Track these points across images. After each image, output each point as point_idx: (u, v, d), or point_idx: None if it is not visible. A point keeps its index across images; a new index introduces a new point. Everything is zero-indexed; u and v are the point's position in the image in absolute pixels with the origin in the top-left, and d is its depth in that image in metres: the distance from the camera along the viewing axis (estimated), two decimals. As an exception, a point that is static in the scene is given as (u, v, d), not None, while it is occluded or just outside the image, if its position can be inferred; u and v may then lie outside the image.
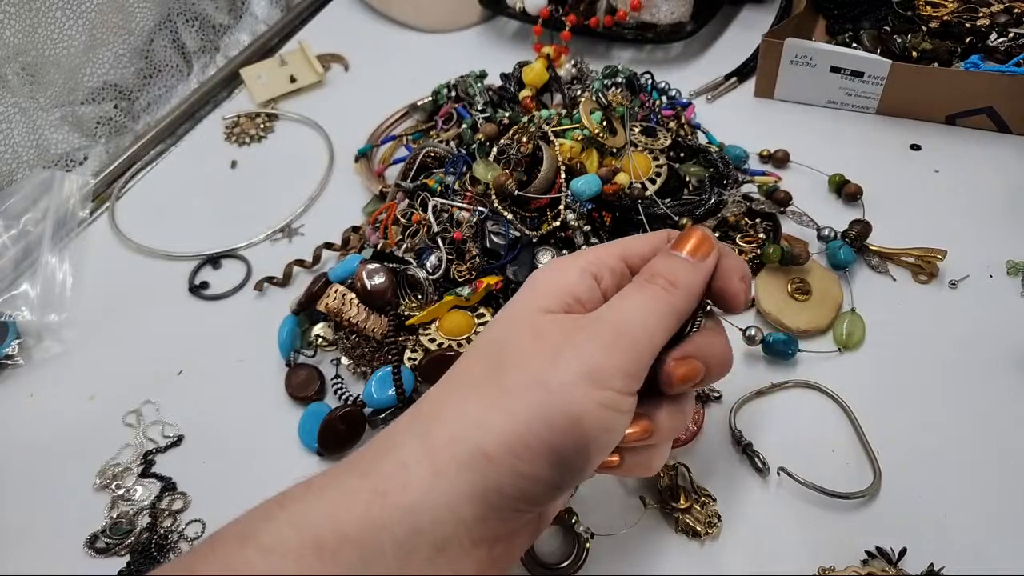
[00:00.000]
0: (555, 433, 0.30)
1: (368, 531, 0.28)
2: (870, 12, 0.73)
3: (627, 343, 0.31)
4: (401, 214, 0.58)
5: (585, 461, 0.31)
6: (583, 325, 0.32)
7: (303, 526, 0.28)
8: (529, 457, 0.29)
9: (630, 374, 0.31)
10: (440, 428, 0.31)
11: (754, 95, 0.71)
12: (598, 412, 0.30)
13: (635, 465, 0.36)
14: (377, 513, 0.29)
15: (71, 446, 0.52)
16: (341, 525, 0.28)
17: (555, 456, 0.30)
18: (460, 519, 0.29)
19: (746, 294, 0.36)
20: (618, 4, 0.73)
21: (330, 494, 0.30)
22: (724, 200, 0.58)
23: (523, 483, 0.30)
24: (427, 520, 0.29)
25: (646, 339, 0.32)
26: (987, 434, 0.47)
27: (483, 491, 0.29)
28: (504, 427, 0.30)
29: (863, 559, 0.42)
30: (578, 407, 0.30)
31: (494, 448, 0.29)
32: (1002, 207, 0.59)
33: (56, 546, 0.48)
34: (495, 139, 0.58)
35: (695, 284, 0.34)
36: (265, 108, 0.77)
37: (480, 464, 0.29)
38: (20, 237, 0.65)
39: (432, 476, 0.29)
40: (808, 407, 0.49)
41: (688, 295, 0.34)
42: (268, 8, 0.90)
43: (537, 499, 0.31)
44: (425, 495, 0.29)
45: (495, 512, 0.30)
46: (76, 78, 0.72)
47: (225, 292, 0.61)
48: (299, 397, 0.53)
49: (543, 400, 0.30)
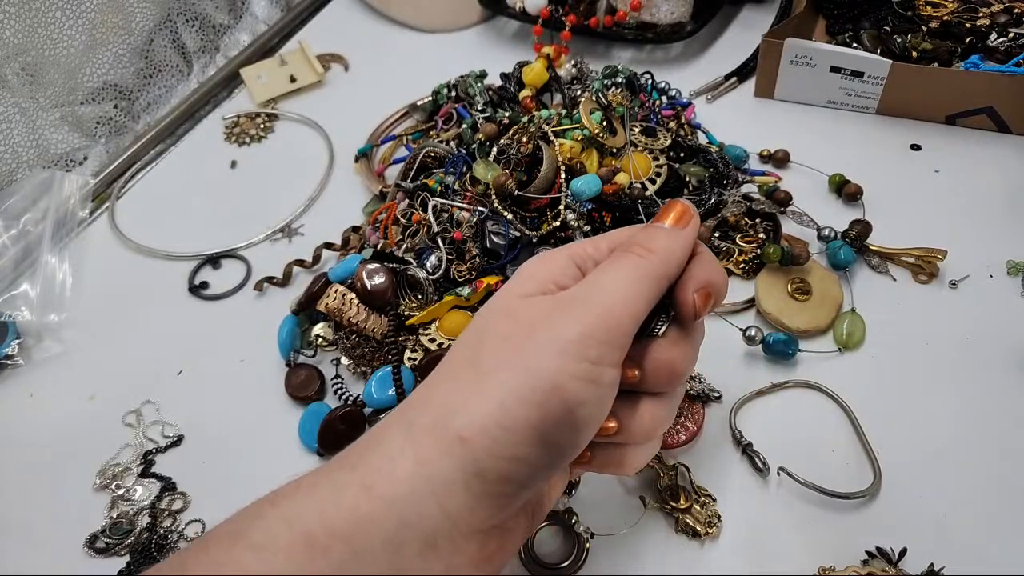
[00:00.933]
0: (533, 410, 0.29)
1: (357, 526, 0.28)
2: (870, 12, 0.73)
3: (601, 311, 0.31)
4: (401, 214, 0.58)
5: (570, 438, 0.30)
6: (558, 302, 0.32)
7: (294, 523, 0.28)
8: (507, 438, 0.29)
9: (606, 343, 0.30)
10: (423, 419, 0.30)
11: (754, 95, 0.71)
12: (575, 385, 0.29)
13: (606, 463, 0.35)
14: (365, 507, 0.28)
15: (71, 446, 0.52)
16: (330, 521, 0.28)
17: (536, 434, 0.29)
18: (447, 511, 0.29)
19: (698, 307, 0.33)
20: (618, 4, 0.73)
21: (320, 491, 0.29)
22: (724, 200, 0.58)
23: (504, 465, 0.29)
24: (414, 513, 0.29)
25: (622, 307, 0.31)
26: (987, 434, 0.47)
27: (465, 478, 0.29)
28: (480, 410, 0.29)
29: (863, 559, 0.42)
30: (553, 381, 0.29)
31: (470, 432, 0.29)
32: (1002, 207, 0.59)
33: (56, 546, 0.48)
34: (495, 139, 0.58)
35: (674, 249, 0.33)
36: (265, 108, 0.77)
37: (457, 449, 0.29)
38: (20, 237, 0.65)
39: (415, 466, 0.29)
40: (808, 407, 0.49)
41: (666, 260, 0.33)
42: (268, 8, 0.90)
43: (523, 481, 0.30)
44: (410, 486, 0.29)
45: (482, 500, 0.29)
46: (76, 78, 0.72)
47: (225, 292, 0.61)
48: (299, 397, 0.53)
49: (518, 379, 0.29)
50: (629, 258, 0.33)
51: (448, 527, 0.29)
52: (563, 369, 0.29)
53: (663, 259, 0.33)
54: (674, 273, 0.33)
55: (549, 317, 0.31)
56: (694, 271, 0.34)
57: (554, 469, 0.31)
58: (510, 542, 0.33)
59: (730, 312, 0.54)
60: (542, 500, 0.35)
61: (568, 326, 0.30)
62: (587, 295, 0.32)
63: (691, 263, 0.34)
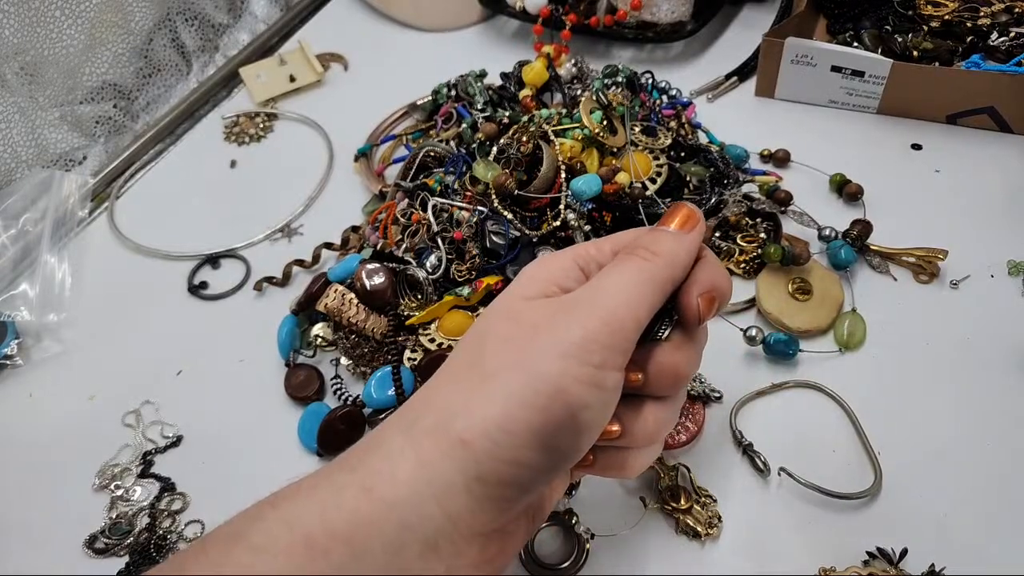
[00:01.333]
0: (535, 413, 0.29)
1: (357, 528, 0.28)
2: (871, 11, 0.73)
3: (605, 315, 0.30)
4: (401, 214, 0.58)
5: (572, 442, 0.30)
6: (561, 304, 0.31)
7: (294, 525, 0.28)
8: (508, 442, 0.29)
9: (610, 347, 0.30)
10: (424, 421, 0.30)
11: (755, 94, 0.71)
12: (578, 389, 0.29)
13: (608, 465, 0.35)
14: (365, 509, 0.28)
15: (70, 446, 0.52)
16: (331, 523, 0.28)
17: (537, 438, 0.29)
18: (448, 513, 0.29)
19: (702, 311, 0.33)
20: (618, 3, 0.73)
21: (320, 493, 0.29)
22: (725, 200, 0.58)
23: (505, 468, 0.29)
24: (415, 515, 0.28)
25: (626, 310, 0.31)
26: (988, 434, 0.47)
27: (466, 481, 0.29)
28: (482, 413, 0.29)
29: (864, 560, 0.42)
30: (556, 385, 0.29)
31: (471, 435, 0.29)
32: (1003, 207, 0.59)
33: (55, 546, 0.48)
34: (495, 139, 0.58)
35: (678, 252, 0.33)
36: (264, 108, 0.77)
37: (459, 452, 0.29)
38: (19, 237, 0.64)
39: (417, 468, 0.29)
40: (809, 407, 0.49)
41: (671, 264, 0.33)
42: (267, 7, 0.89)
43: (524, 485, 0.30)
44: (411, 488, 0.29)
45: (483, 504, 0.29)
46: (75, 77, 0.72)
47: (224, 292, 0.61)
48: (299, 397, 0.53)
49: (521, 382, 0.29)
50: (633, 261, 0.32)
51: (449, 529, 0.29)
52: (566, 372, 0.29)
53: (668, 262, 0.32)
54: (679, 277, 0.33)
55: (552, 320, 0.31)
56: (699, 275, 0.34)
57: (556, 472, 0.31)
58: (511, 545, 0.33)
59: (731, 312, 0.54)
60: (543, 503, 0.35)
61: (571, 329, 0.30)
62: (590, 298, 0.31)
63: (696, 267, 0.34)
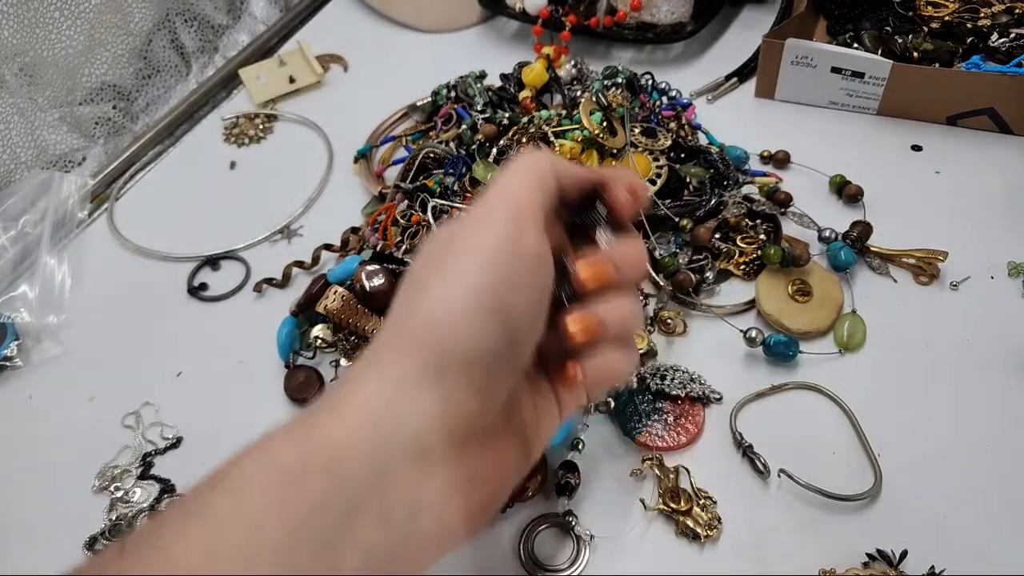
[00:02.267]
0: (471, 291, 0.30)
1: (335, 453, 0.28)
2: (871, 12, 0.73)
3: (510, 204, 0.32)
4: (400, 215, 0.58)
5: (512, 301, 0.30)
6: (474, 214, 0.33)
7: (268, 463, 0.28)
8: (459, 321, 0.29)
9: (515, 220, 0.31)
10: (380, 341, 0.31)
11: (755, 96, 0.71)
12: (504, 249, 0.30)
13: (597, 376, 0.35)
14: (339, 433, 0.28)
15: (70, 448, 0.52)
16: (304, 454, 0.28)
17: (482, 309, 0.30)
18: (426, 414, 0.29)
19: (628, 204, 0.36)
20: (618, 4, 0.73)
21: (293, 430, 0.29)
22: (725, 201, 0.58)
23: (463, 348, 0.29)
24: (391, 425, 0.29)
25: (523, 191, 0.32)
26: (988, 436, 0.47)
27: (433, 374, 0.29)
28: (427, 308, 0.30)
29: (864, 561, 0.42)
30: (483, 258, 0.30)
31: (422, 328, 0.30)
32: (1003, 208, 0.59)
33: (55, 548, 0.47)
34: (495, 140, 0.58)
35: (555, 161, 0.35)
36: (264, 109, 0.77)
37: (416, 351, 0.30)
38: (18, 238, 0.64)
39: (382, 381, 0.30)
40: (809, 409, 0.49)
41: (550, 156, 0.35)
42: (267, 8, 0.89)
43: (490, 363, 0.30)
44: (381, 399, 0.29)
45: (456, 395, 0.30)
46: (74, 78, 0.72)
47: (224, 294, 0.61)
48: (298, 399, 0.53)
49: (453, 271, 0.30)
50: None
51: (431, 436, 0.29)
52: (484, 245, 0.31)
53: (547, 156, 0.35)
54: (561, 166, 0.35)
55: (466, 225, 0.32)
56: (618, 176, 0.37)
57: (519, 347, 0.31)
58: (503, 466, 0.33)
59: (731, 313, 0.54)
60: (528, 435, 0.35)
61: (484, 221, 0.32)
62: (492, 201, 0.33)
63: (610, 175, 0.37)
